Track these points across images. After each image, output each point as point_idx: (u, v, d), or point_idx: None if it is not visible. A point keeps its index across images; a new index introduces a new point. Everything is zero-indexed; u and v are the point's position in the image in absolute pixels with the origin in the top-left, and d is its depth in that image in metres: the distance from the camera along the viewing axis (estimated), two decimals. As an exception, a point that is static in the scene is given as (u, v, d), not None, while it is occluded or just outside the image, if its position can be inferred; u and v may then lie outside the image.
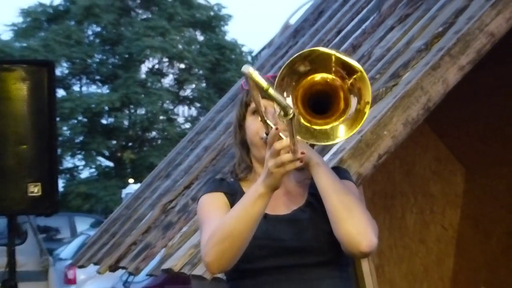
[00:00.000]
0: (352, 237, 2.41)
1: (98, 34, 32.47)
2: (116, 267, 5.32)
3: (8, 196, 5.32)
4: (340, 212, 2.44)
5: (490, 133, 6.13)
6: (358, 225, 2.43)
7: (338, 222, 2.44)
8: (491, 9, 3.97)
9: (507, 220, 6.18)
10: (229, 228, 2.33)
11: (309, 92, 2.30)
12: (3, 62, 5.65)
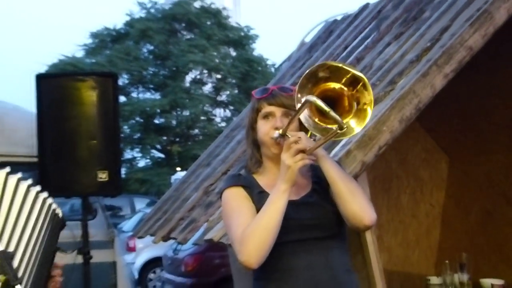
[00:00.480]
0: (357, 214, 2.52)
1: (151, 51, 32.56)
2: (168, 238, 5.33)
3: (81, 181, 5.34)
4: (346, 195, 2.51)
5: (469, 128, 6.09)
6: (361, 204, 2.53)
7: (344, 203, 2.52)
8: (470, 27, 3.94)
9: (483, 199, 6.15)
10: (264, 225, 2.40)
11: (320, 97, 2.29)
12: (78, 74, 5.67)
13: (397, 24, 4.99)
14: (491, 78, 5.41)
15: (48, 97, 5.46)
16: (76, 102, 5.38)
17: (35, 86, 5.50)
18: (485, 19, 3.97)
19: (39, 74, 5.65)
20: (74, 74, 5.99)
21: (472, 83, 4.91)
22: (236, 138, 5.90)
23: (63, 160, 5.37)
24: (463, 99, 5.42)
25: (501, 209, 6.00)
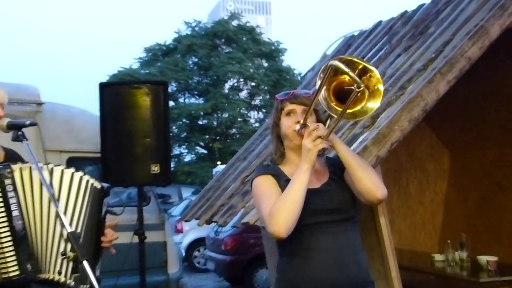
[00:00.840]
0: (370, 189, 2.53)
1: (196, 63, 32.63)
2: (210, 221, 5.33)
3: (137, 173, 5.38)
4: (360, 172, 2.53)
5: (467, 126, 6.06)
6: (373, 180, 2.55)
7: (359, 179, 2.53)
8: (468, 41, 3.90)
9: (479, 187, 6.12)
10: (291, 198, 2.42)
11: (337, 87, 2.48)
12: (134, 83, 5.71)
13: (406, 38, 4.96)
14: (487, 84, 5.38)
15: (109, 102, 5.51)
16: (133, 106, 5.41)
17: (99, 93, 5.56)
18: (481, 33, 3.94)
19: (102, 83, 5.70)
20: (131, 82, 6.03)
21: (471, 88, 4.86)
22: (269, 136, 5.90)
23: (121, 155, 5.42)
24: (463, 102, 5.37)
25: (495, 196, 5.99)
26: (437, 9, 5.01)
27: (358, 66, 2.40)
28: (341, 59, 2.43)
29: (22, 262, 2.64)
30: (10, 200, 2.62)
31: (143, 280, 5.58)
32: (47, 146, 4.95)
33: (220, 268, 10.95)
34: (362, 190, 2.53)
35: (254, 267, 10.30)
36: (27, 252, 2.65)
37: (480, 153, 6.20)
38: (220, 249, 10.70)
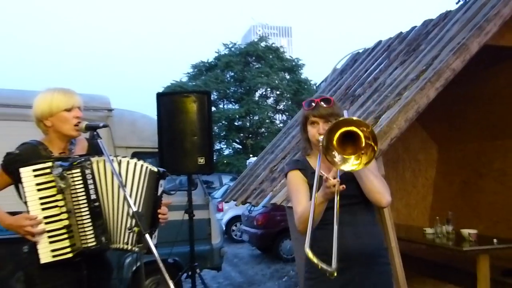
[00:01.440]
0: (378, 199, 2.55)
1: (232, 76, 32.68)
2: (245, 202, 5.35)
3: (187, 164, 5.40)
4: (368, 185, 2.53)
5: (452, 124, 6.03)
6: (380, 193, 2.53)
7: (369, 192, 2.54)
8: (453, 55, 3.87)
9: (461, 174, 6.09)
10: (314, 218, 2.39)
11: (339, 137, 2.30)
12: (184, 93, 5.73)
13: (402, 54, 4.92)
14: (468, 90, 5.32)
15: (164, 108, 5.54)
16: (183, 111, 5.43)
17: (156, 101, 5.59)
18: (463, 49, 3.90)
19: (159, 93, 5.73)
20: (181, 92, 6.04)
21: (455, 94, 4.81)
22: (291, 134, 5.90)
23: (174, 150, 5.44)
24: (448, 105, 5.32)
25: (474, 180, 5.96)
26: (426, 30, 4.96)
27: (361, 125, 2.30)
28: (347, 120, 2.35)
29: (98, 235, 2.66)
30: (89, 186, 2.66)
31: (192, 249, 5.61)
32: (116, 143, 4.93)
33: (252, 240, 10.96)
34: (371, 199, 2.55)
35: (280, 238, 10.31)
36: (102, 227, 2.68)
37: (462, 146, 6.15)
38: (253, 224, 10.72)
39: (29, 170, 2.57)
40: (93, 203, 2.65)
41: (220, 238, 6.70)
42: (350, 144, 2.31)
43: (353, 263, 2.57)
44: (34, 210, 2.58)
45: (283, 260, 10.10)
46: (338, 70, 6.77)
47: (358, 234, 2.59)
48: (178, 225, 5.43)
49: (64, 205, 2.62)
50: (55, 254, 2.61)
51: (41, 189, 2.59)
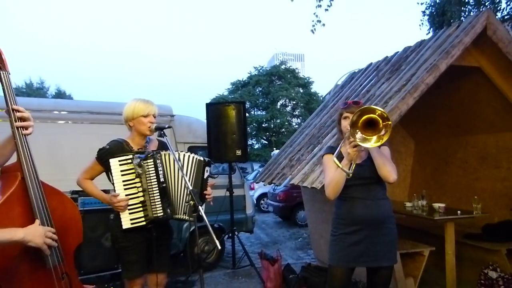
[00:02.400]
0: (386, 176, 2.54)
1: (260, 91, 32.54)
2: (271, 182, 5.33)
3: (228, 154, 5.41)
4: (382, 167, 2.53)
5: (424, 124, 5.91)
6: (388, 170, 2.53)
7: (379, 169, 2.54)
8: (426, 73, 3.79)
9: (432, 162, 5.98)
10: (337, 180, 2.52)
11: (363, 122, 2.35)
12: (225, 103, 5.73)
13: (387, 72, 4.83)
14: (437, 98, 5.22)
15: (212, 114, 5.55)
16: (225, 116, 5.44)
17: (206, 109, 5.61)
18: (435, 68, 3.82)
19: (207, 103, 5.75)
20: (224, 102, 6.05)
21: (428, 102, 4.71)
22: (305, 133, 5.85)
23: (219, 145, 5.46)
24: (423, 110, 5.21)
25: (442, 167, 5.85)
26: (406, 54, 4.87)
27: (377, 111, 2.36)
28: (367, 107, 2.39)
29: (165, 208, 2.70)
30: (159, 171, 2.70)
31: (232, 217, 5.63)
32: (177, 140, 5.06)
33: (276, 210, 10.95)
34: (381, 175, 2.55)
35: (297, 209, 10.27)
36: (168, 202, 2.72)
37: (433, 141, 6.03)
38: (276, 199, 10.72)
39: (115, 161, 2.65)
40: (162, 184, 2.70)
41: (252, 209, 6.72)
42: (371, 128, 2.36)
43: (363, 227, 2.62)
44: (119, 190, 2.64)
45: (298, 226, 10.07)
46: (339, 85, 6.68)
47: (368, 205, 2.61)
48: (221, 200, 5.46)
49: (140, 186, 2.69)
50: (133, 222, 2.67)
51: (124, 174, 2.66)
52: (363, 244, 2.61)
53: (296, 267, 5.08)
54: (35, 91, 31.39)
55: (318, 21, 10.27)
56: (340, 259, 2.66)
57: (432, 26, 12.77)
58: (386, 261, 2.65)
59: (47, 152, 4.75)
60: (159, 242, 2.80)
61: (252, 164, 19.11)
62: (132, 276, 2.76)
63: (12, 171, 2.02)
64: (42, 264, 1.99)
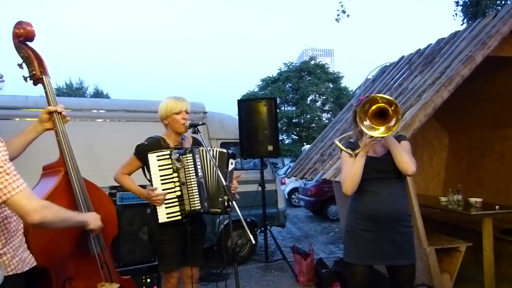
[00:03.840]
0: (405, 168, 2.45)
1: (290, 87, 32.32)
2: (302, 177, 5.29)
3: (260, 150, 5.41)
4: (398, 157, 2.45)
5: (459, 117, 5.73)
6: (406, 162, 2.44)
7: (397, 162, 2.45)
8: (462, 64, 3.65)
9: (468, 155, 5.77)
10: (354, 172, 2.48)
11: (374, 111, 2.37)
12: (256, 99, 5.73)
13: (420, 65, 4.69)
14: (473, 91, 5.04)
15: (243, 110, 5.56)
16: (256, 112, 5.44)
17: (237, 105, 5.63)
18: (470, 60, 3.67)
19: (239, 99, 5.77)
20: (255, 99, 6.05)
21: (463, 94, 4.54)
22: (336, 127, 5.77)
23: (251, 140, 5.46)
24: (457, 103, 5.03)
25: (478, 161, 5.65)
26: (439, 46, 4.71)
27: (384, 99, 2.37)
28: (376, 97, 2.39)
29: (203, 201, 2.73)
30: (197, 165, 2.73)
31: (264, 212, 5.63)
32: (210, 136, 5.08)
33: (307, 205, 10.90)
34: (400, 168, 2.47)
35: (328, 204, 10.16)
36: (205, 195, 2.74)
37: (468, 134, 5.84)
38: (307, 193, 10.65)
39: (154, 156, 2.70)
40: (200, 178, 2.72)
41: (284, 204, 6.70)
42: (381, 118, 2.34)
43: (379, 222, 2.53)
44: (156, 184, 2.69)
45: (330, 220, 9.98)
46: (370, 79, 6.55)
47: (386, 201, 2.52)
48: (254, 194, 5.47)
49: (178, 181, 2.72)
50: (169, 216, 2.70)
51: (162, 169, 2.71)
52: (379, 241, 2.52)
53: (328, 261, 5.03)
54: (74, 91, 32.36)
55: (343, 11, 9.99)
56: (356, 256, 2.58)
57: (466, 17, 12.34)
58: (404, 260, 2.54)
59: (86, 149, 4.88)
60: (193, 236, 2.83)
61: (283, 159, 19.06)
62: (168, 269, 2.80)
63: (55, 166, 2.13)
64: (87, 253, 2.09)
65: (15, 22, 2.10)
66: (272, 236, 5.69)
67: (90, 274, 2.10)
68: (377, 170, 2.53)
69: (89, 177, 2.28)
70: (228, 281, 4.11)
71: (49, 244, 1.91)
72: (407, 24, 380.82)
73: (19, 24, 2.08)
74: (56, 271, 1.95)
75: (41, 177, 2.17)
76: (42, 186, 2.06)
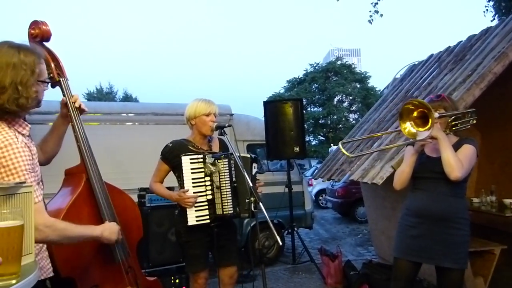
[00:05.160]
0: (448, 172, 2.40)
1: (317, 87, 32.07)
2: (330, 178, 5.24)
3: (286, 151, 5.40)
4: (444, 160, 2.41)
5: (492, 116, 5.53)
6: (450, 167, 2.39)
7: (443, 165, 2.42)
8: (494, 61, 3.53)
9: (501, 155, 5.57)
10: (403, 169, 2.56)
11: (417, 115, 2.41)
12: (283, 100, 5.69)
13: (450, 63, 4.57)
14: (506, 89, 4.86)
15: (269, 112, 5.56)
16: (283, 114, 5.42)
17: (263, 107, 5.63)
18: (503, 56, 3.55)
19: (265, 101, 5.77)
20: (281, 100, 6.02)
21: (495, 92, 4.39)
22: (363, 128, 5.68)
23: (277, 142, 5.45)
24: (490, 101, 4.86)
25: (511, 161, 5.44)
26: (470, 43, 4.57)
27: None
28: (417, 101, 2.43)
29: (234, 206, 2.73)
30: (232, 171, 2.74)
31: (291, 213, 5.61)
32: (237, 138, 5.09)
33: (334, 206, 10.78)
34: (445, 171, 2.41)
35: (356, 205, 10.01)
36: (237, 200, 2.74)
37: (502, 134, 5.64)
38: (335, 195, 10.54)
39: (187, 158, 2.72)
40: (234, 183, 2.73)
41: (311, 205, 6.65)
42: (423, 122, 2.36)
43: (425, 221, 2.52)
44: (188, 186, 2.70)
45: (358, 222, 9.83)
46: (398, 79, 6.42)
47: (433, 200, 2.51)
48: (280, 196, 5.45)
49: (210, 184, 2.74)
50: (198, 219, 2.72)
51: (194, 172, 2.73)
52: (424, 239, 2.52)
53: (356, 263, 4.95)
54: (105, 95, 33.11)
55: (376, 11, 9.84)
56: (401, 251, 2.62)
57: (498, 13, 11.93)
58: (450, 263, 2.48)
59: (116, 152, 4.97)
60: (222, 237, 2.84)
61: (309, 160, 18.94)
62: (194, 270, 2.82)
63: (76, 172, 2.08)
64: (111, 260, 2.07)
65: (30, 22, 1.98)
66: (300, 238, 5.65)
67: (116, 280, 2.08)
68: (430, 170, 2.52)
69: (119, 179, 2.30)
70: (255, 283, 4.10)
71: (73, 254, 1.89)
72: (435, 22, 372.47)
73: (34, 24, 1.97)
74: (81, 280, 1.94)
75: (63, 182, 2.13)
76: (64, 194, 2.03)
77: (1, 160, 1.43)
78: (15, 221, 1.14)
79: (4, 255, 1.10)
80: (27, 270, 1.21)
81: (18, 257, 1.16)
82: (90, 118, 4.92)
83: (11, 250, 1.12)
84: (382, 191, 4.62)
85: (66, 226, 1.62)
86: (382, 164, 3.81)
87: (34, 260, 1.34)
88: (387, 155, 3.90)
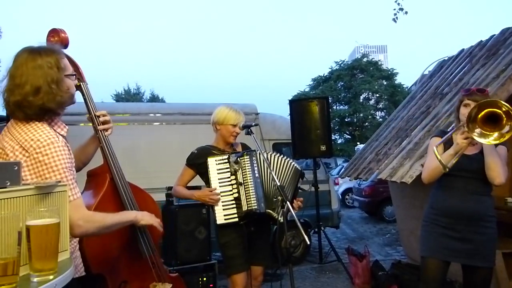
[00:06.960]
0: (492, 177, 2.35)
1: (342, 85, 31.73)
2: (357, 177, 5.19)
3: (312, 150, 5.38)
4: (491, 164, 2.35)
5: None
6: (496, 172, 2.33)
7: (487, 169, 2.36)
8: (530, 56, 3.40)
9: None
10: (437, 165, 2.38)
11: (484, 116, 2.14)
12: (308, 99, 5.69)
13: (482, 58, 4.44)
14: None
15: (295, 110, 5.55)
16: (309, 112, 5.40)
17: (289, 105, 5.63)
18: (539, 50, 3.42)
19: (290, 99, 5.77)
20: (306, 99, 6.01)
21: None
22: (391, 126, 5.60)
23: (303, 140, 5.43)
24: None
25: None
26: (504, 37, 4.43)
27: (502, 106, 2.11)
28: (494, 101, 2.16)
29: (259, 202, 2.76)
30: (254, 166, 2.80)
31: (318, 212, 5.58)
32: (263, 137, 5.10)
33: (361, 206, 10.67)
34: (487, 175, 2.37)
35: (383, 205, 9.88)
36: (261, 194, 2.78)
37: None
38: (361, 194, 10.43)
39: (213, 160, 2.81)
40: (256, 179, 2.78)
41: (337, 204, 6.59)
42: (492, 123, 2.12)
43: (457, 220, 2.47)
44: (214, 186, 2.77)
45: (386, 221, 9.69)
46: (427, 75, 6.29)
47: (466, 199, 2.46)
48: (306, 195, 5.40)
49: (235, 183, 2.79)
50: (226, 218, 2.78)
51: (220, 173, 2.81)
52: (456, 239, 2.47)
53: (385, 264, 4.88)
54: (132, 96, 33.74)
55: (400, 9, 9.66)
56: (431, 250, 2.55)
57: (533, 5, 11.50)
58: (482, 261, 2.46)
59: (145, 151, 5.07)
60: (256, 235, 2.88)
61: (335, 159, 18.73)
62: (234, 271, 2.84)
63: (100, 173, 2.13)
64: (138, 256, 2.13)
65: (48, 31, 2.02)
66: (326, 237, 5.61)
67: (143, 275, 2.14)
68: (464, 169, 2.45)
69: (148, 179, 2.35)
70: (283, 281, 4.11)
71: (103, 251, 1.94)
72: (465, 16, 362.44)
73: (53, 32, 2.02)
74: (111, 276, 2.00)
75: (86, 183, 2.17)
76: (89, 194, 2.08)
77: (44, 158, 1.49)
78: (52, 219, 1.19)
79: (42, 251, 1.16)
80: (63, 266, 1.26)
81: (55, 254, 1.20)
82: (119, 119, 5.05)
83: (49, 246, 1.17)
84: (411, 190, 4.53)
85: (103, 216, 1.70)
86: (411, 162, 3.74)
87: (69, 257, 1.38)
88: (416, 153, 3.82)
